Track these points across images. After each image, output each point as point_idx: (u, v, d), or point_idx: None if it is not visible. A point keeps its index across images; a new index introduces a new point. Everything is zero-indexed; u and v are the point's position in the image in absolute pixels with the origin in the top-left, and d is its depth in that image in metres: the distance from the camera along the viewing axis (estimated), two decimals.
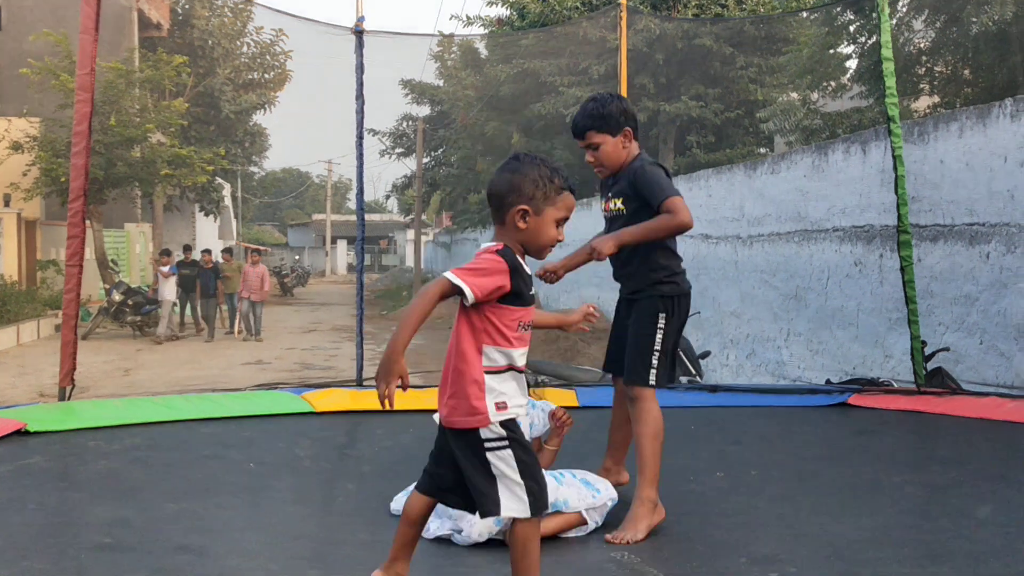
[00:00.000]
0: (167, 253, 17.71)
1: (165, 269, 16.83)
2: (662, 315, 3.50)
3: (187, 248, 19.15)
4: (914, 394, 5.94)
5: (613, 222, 3.63)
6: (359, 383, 6.63)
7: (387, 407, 2.36)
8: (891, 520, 3.48)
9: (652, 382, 3.48)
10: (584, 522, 3.19)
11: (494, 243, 2.52)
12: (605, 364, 3.84)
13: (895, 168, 6.09)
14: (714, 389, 6.59)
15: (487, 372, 2.46)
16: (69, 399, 5.63)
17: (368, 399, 5.91)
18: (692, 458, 4.52)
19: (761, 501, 3.70)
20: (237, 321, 17.71)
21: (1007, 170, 6.92)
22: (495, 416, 2.43)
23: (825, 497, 3.78)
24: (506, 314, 2.47)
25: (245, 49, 28.14)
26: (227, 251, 19.59)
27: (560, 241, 2.55)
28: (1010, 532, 3.28)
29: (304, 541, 3.36)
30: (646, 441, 3.38)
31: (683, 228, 3.46)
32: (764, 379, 10.08)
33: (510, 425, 2.45)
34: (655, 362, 3.48)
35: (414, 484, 3.54)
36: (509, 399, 2.46)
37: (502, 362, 2.47)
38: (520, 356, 2.49)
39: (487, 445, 2.42)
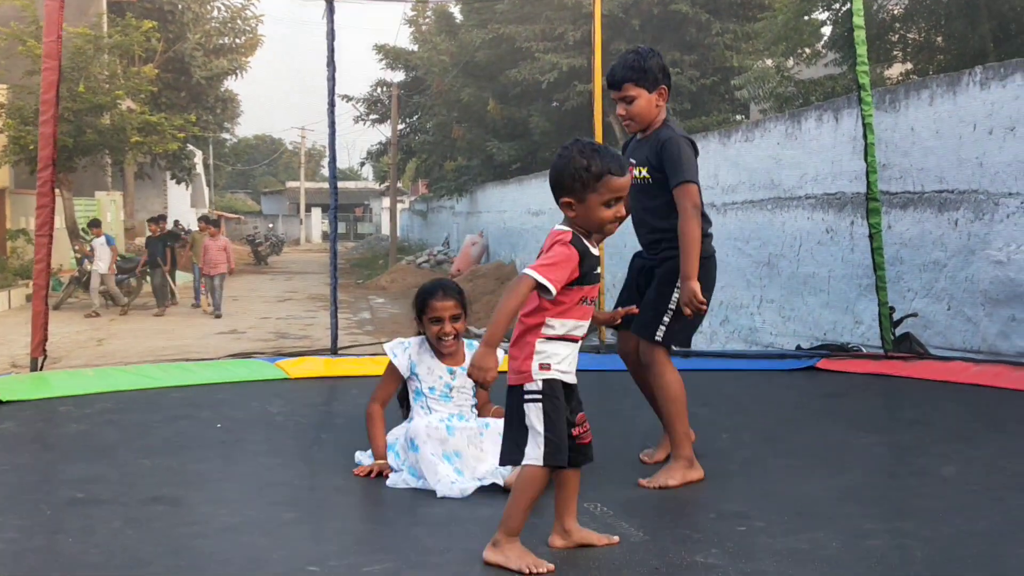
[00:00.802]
0: (96, 224, 16.58)
1: (99, 241, 15.77)
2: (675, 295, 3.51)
3: (161, 218, 18.09)
4: (882, 359, 6.03)
5: (641, 191, 3.58)
6: (334, 352, 6.64)
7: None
8: (858, 480, 3.56)
9: (658, 337, 3.49)
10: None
11: (563, 227, 2.67)
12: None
13: (865, 136, 6.14)
14: (687, 355, 6.64)
15: (541, 338, 2.64)
16: (41, 369, 5.61)
17: (343, 366, 5.95)
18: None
19: (731, 463, 3.76)
20: (204, 295, 16.67)
21: (976, 138, 7.00)
22: (537, 374, 2.62)
23: (794, 458, 3.85)
24: (572, 293, 2.64)
25: (215, 14, 27.73)
26: (203, 219, 18.02)
27: (620, 217, 2.66)
28: (973, 490, 3.36)
29: (278, 488, 3.41)
30: (668, 406, 3.48)
31: (698, 217, 3.47)
32: (737, 345, 10.19)
33: (552, 384, 2.62)
34: (666, 319, 3.49)
35: (388, 436, 3.61)
36: (555, 362, 2.63)
37: (559, 330, 2.65)
38: (578, 327, 2.66)
39: (526, 397, 2.62)
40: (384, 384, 3.62)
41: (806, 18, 13.73)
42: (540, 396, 2.61)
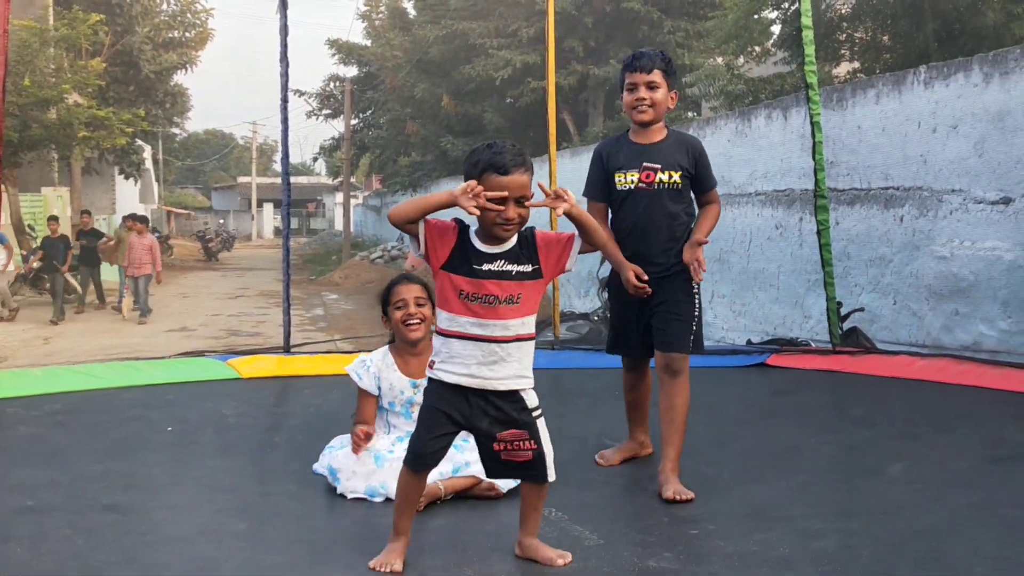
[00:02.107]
0: None
1: None
2: (696, 285, 3.57)
3: (85, 213, 17.14)
4: (830, 354, 6.13)
5: (668, 196, 3.56)
6: (287, 349, 6.59)
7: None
8: (808, 479, 3.61)
9: (690, 346, 3.54)
10: (478, 482, 3.25)
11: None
12: (612, 346, 3.81)
13: (813, 134, 6.23)
14: None
15: (438, 333, 2.64)
16: None
17: (296, 365, 5.91)
18: (615, 419, 4.63)
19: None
20: (127, 299, 15.36)
21: (920, 135, 7.14)
22: (427, 371, 2.64)
23: (745, 459, 3.88)
24: (442, 279, 2.60)
25: (165, 7, 27.27)
26: (131, 216, 16.10)
27: (507, 219, 2.55)
28: (917, 488, 3.43)
29: (230, 494, 3.38)
30: (684, 415, 3.47)
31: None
32: None
33: (431, 383, 2.62)
34: (695, 329, 3.55)
35: (335, 442, 3.58)
36: (439, 360, 2.59)
37: (445, 325, 2.60)
38: (470, 324, 2.56)
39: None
40: (362, 408, 3.51)
41: (756, 17, 13.87)
42: (423, 395, 2.66)
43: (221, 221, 47.04)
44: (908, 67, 8.09)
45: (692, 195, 3.63)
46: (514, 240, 2.60)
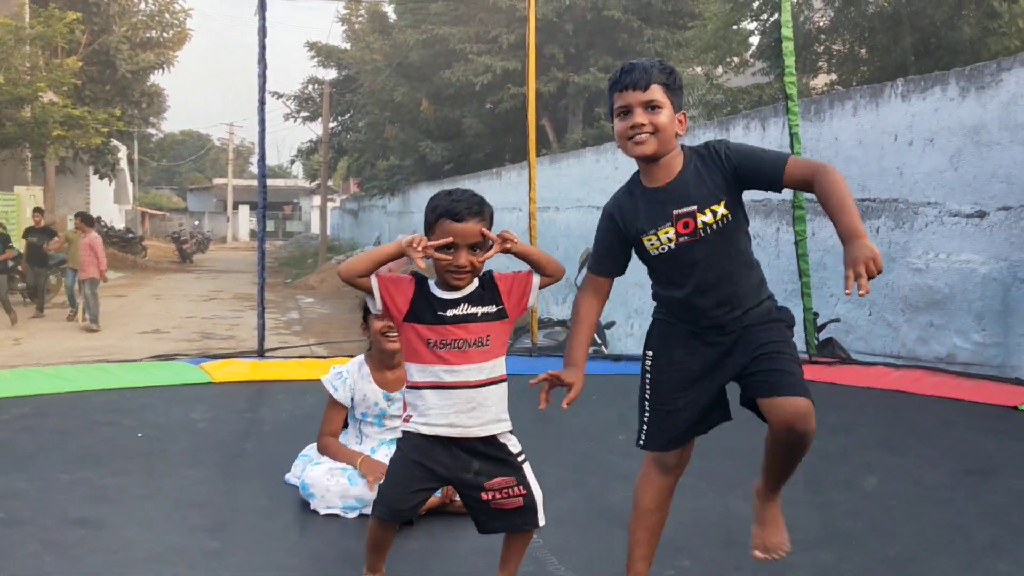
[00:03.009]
0: None
1: None
2: (790, 330, 2.64)
3: (37, 211, 15.96)
4: (806, 363, 6.13)
5: (716, 242, 2.51)
6: (260, 353, 6.53)
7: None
8: (783, 493, 3.59)
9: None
10: (451, 499, 3.19)
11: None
12: (651, 436, 2.73)
13: (792, 145, 6.26)
14: (618, 358, 6.71)
15: (408, 387, 2.57)
16: None
17: (269, 369, 5.86)
18: (593, 421, 4.66)
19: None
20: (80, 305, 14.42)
21: (896, 148, 7.19)
22: (402, 425, 2.57)
23: (721, 472, 3.83)
24: (407, 331, 2.56)
25: (143, 6, 27.11)
26: (78, 216, 14.88)
27: (458, 266, 2.50)
28: (892, 505, 3.43)
29: (202, 509, 3.33)
30: (796, 464, 2.60)
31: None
32: None
33: (406, 436, 2.56)
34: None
35: (308, 450, 3.54)
36: (415, 413, 2.53)
37: (416, 377, 2.55)
38: (445, 372, 2.52)
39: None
40: (329, 420, 3.46)
41: (735, 28, 13.95)
42: (396, 446, 2.58)
43: (196, 223, 46.74)
44: (885, 80, 8.15)
45: (745, 216, 2.61)
46: (475, 283, 2.57)
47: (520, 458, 2.58)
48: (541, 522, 2.59)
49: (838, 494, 3.62)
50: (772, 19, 12.83)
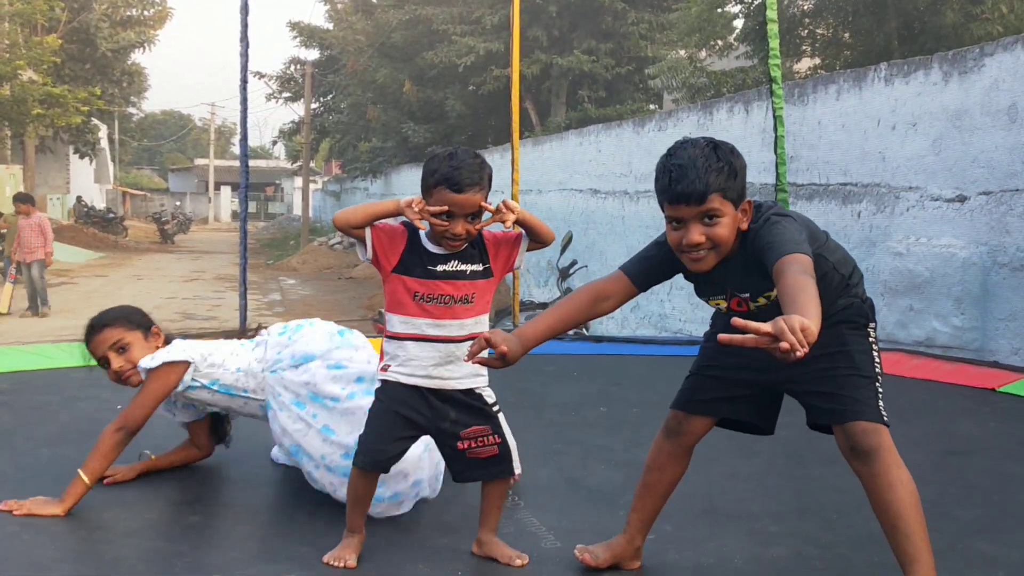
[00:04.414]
0: None
1: None
2: (872, 337, 2.44)
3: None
4: None
5: (754, 316, 2.16)
6: (242, 334, 6.51)
7: None
8: (765, 466, 3.63)
9: (885, 415, 2.34)
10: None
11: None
12: (678, 397, 2.64)
13: (775, 128, 6.27)
14: (598, 340, 6.73)
15: (387, 336, 2.60)
16: None
17: None
18: (576, 395, 4.72)
19: (642, 448, 3.80)
20: (6, 287, 13.45)
21: (879, 132, 7.21)
22: (379, 374, 2.62)
23: (702, 441, 3.88)
24: (394, 282, 2.58)
25: None
26: (17, 197, 13.83)
27: (454, 234, 2.52)
28: None
29: (182, 483, 3.30)
30: (912, 512, 2.28)
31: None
32: (647, 331, 10.33)
33: (385, 386, 2.58)
34: (881, 389, 2.38)
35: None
36: (395, 364, 2.57)
37: (397, 328, 2.58)
38: (429, 326, 2.55)
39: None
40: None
41: (719, 11, 13.95)
42: (375, 396, 2.61)
43: (177, 203, 46.41)
44: (869, 64, 8.17)
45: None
46: None
47: (495, 408, 2.62)
48: (517, 470, 2.63)
49: (820, 469, 3.65)
50: (756, 2, 12.84)
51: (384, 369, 2.59)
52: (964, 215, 6.43)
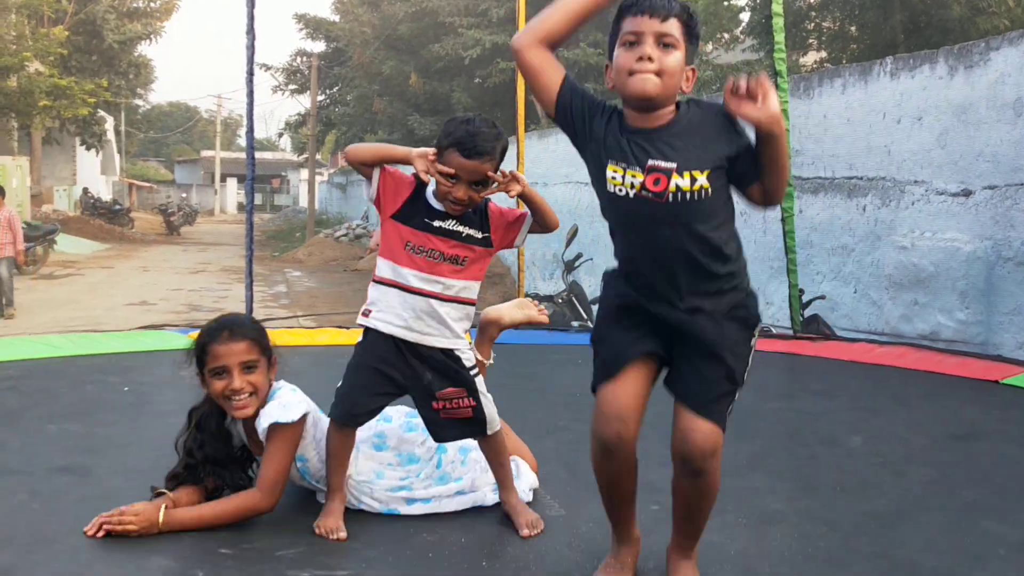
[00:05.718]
0: None
1: None
2: (754, 341, 2.32)
3: None
4: (791, 339, 6.20)
5: (687, 211, 2.13)
6: None
7: None
8: (766, 446, 3.66)
9: (728, 418, 2.27)
10: None
11: None
12: (599, 372, 2.34)
13: None
14: None
15: (373, 281, 2.66)
16: None
17: None
18: (578, 381, 4.69)
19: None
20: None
21: (885, 126, 7.22)
22: (360, 319, 2.66)
23: None
24: (388, 227, 2.63)
25: None
26: None
27: (457, 198, 2.55)
28: (877, 463, 3.49)
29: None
30: (711, 504, 2.36)
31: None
32: None
33: (366, 333, 2.64)
34: (737, 395, 2.28)
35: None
36: (375, 309, 2.62)
37: (384, 273, 2.63)
38: (412, 276, 2.59)
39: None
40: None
41: (726, 3, 13.94)
42: (355, 347, 2.65)
43: (184, 195, 46.47)
44: (875, 58, 8.17)
45: (730, 198, 2.23)
46: None
47: (473, 372, 2.67)
48: (491, 430, 2.69)
49: (822, 449, 3.68)
50: None
51: (365, 314, 2.64)
52: (969, 209, 6.43)
